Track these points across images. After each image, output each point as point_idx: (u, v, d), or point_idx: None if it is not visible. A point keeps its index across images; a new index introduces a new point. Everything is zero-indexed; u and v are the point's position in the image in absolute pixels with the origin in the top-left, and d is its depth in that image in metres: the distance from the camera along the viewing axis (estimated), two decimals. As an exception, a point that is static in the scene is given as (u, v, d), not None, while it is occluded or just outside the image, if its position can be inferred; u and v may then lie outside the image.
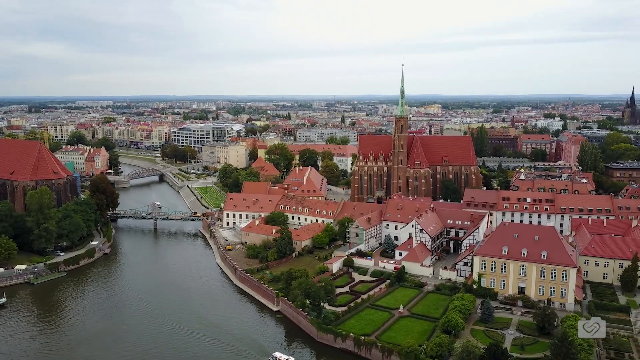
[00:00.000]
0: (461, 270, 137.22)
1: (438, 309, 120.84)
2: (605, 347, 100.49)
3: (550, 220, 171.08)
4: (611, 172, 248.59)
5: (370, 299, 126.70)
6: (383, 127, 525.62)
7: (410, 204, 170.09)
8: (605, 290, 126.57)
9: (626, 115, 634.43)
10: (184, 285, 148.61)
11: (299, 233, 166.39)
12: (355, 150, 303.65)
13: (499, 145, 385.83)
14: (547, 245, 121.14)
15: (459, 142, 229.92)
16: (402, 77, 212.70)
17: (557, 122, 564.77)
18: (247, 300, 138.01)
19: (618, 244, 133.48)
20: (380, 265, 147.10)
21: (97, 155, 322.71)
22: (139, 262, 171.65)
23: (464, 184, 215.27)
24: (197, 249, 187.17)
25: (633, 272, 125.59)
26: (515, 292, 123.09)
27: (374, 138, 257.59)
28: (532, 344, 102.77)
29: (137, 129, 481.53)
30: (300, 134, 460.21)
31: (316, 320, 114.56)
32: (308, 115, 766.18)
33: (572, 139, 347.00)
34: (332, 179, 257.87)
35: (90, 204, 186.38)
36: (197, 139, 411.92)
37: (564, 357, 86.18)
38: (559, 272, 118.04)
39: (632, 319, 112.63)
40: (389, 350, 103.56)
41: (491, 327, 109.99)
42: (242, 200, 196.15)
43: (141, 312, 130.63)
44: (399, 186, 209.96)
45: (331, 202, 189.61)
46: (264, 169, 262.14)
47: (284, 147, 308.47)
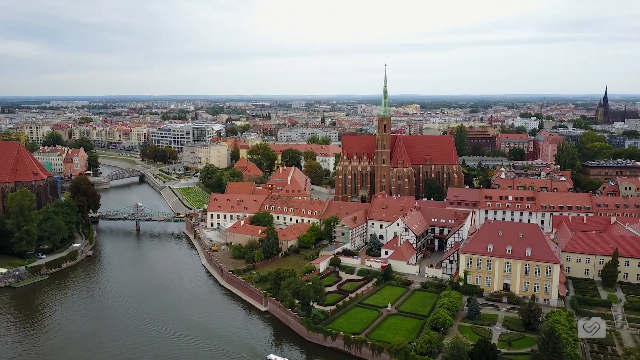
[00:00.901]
0: (447, 268, 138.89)
1: (425, 306, 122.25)
2: (589, 341, 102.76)
3: (532, 217, 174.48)
4: (588, 170, 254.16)
5: (358, 298, 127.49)
6: (363, 126, 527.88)
7: (395, 203, 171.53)
8: (587, 286, 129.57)
9: (599, 115, 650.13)
10: (169, 287, 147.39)
11: (285, 233, 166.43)
12: (338, 150, 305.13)
13: (478, 144, 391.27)
14: (531, 242, 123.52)
15: (440, 142, 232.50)
16: (385, 78, 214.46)
17: (533, 121, 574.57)
18: (235, 301, 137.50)
19: (598, 240, 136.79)
20: (366, 264, 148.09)
21: (75, 156, 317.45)
22: (122, 264, 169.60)
23: (446, 183, 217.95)
24: (181, 250, 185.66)
25: (613, 268, 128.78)
26: (501, 288, 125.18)
27: (358, 138, 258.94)
28: (519, 340, 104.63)
29: (115, 129, 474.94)
30: (281, 133, 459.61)
31: (306, 320, 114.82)
32: (288, 115, 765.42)
33: (549, 138, 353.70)
34: (315, 178, 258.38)
35: (72, 205, 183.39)
36: (177, 139, 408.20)
37: (551, 352, 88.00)
38: (543, 269, 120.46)
39: (614, 313, 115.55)
40: (379, 348, 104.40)
41: (478, 323, 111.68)
42: (226, 201, 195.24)
43: (127, 315, 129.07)
44: (383, 185, 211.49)
45: (316, 202, 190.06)
46: (247, 169, 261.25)
47: (266, 147, 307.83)
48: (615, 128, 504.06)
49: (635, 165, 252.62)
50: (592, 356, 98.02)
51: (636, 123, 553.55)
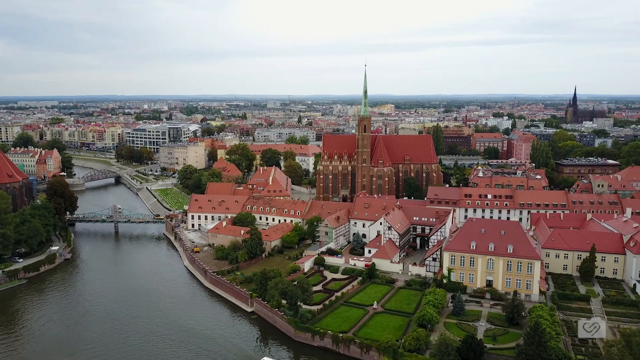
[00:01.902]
0: (430, 265, 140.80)
1: (410, 304, 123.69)
2: (571, 334, 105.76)
3: (510, 215, 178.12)
4: (561, 169, 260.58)
5: (344, 297, 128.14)
6: (340, 126, 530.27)
7: (377, 202, 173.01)
8: (566, 281, 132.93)
9: (569, 114, 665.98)
10: (152, 289, 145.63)
11: (268, 233, 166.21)
12: (317, 149, 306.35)
13: (454, 143, 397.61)
14: (512, 239, 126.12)
15: (419, 141, 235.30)
16: (365, 78, 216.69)
17: (505, 120, 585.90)
18: (220, 302, 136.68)
19: (576, 236, 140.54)
20: (350, 263, 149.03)
21: (49, 157, 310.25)
22: (102, 266, 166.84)
23: (425, 182, 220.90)
24: (162, 251, 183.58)
25: (591, 263, 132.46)
26: (483, 285, 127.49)
27: (338, 138, 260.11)
28: (503, 335, 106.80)
29: (88, 130, 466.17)
30: (258, 133, 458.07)
31: (293, 320, 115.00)
32: (264, 115, 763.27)
33: (523, 137, 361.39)
34: (295, 178, 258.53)
35: (49, 207, 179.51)
36: (152, 140, 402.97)
37: (537, 346, 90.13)
38: (525, 265, 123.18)
39: (592, 307, 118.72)
40: (367, 346, 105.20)
41: (463, 320, 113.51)
42: (207, 202, 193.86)
43: (109, 318, 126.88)
44: (363, 185, 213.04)
45: (299, 202, 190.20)
46: (226, 170, 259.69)
47: (245, 147, 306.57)
48: (584, 127, 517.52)
49: (606, 164, 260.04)
50: (574, 349, 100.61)
51: (604, 122, 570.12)
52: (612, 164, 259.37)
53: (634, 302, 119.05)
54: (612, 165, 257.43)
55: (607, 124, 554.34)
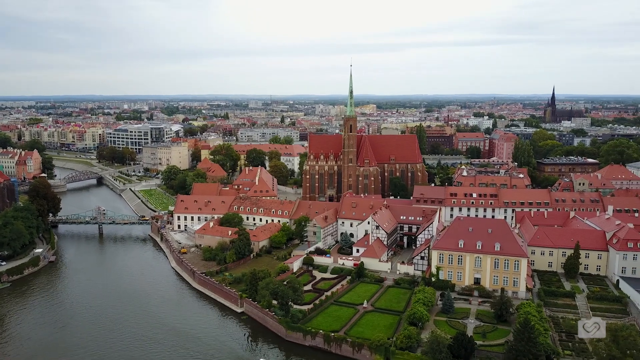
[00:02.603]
0: (418, 264, 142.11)
1: (400, 302, 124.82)
2: (558, 330, 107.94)
3: (495, 213, 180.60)
4: (543, 168, 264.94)
5: (334, 296, 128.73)
6: (323, 126, 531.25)
7: (364, 202, 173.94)
8: (551, 278, 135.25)
9: (547, 114, 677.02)
10: (139, 291, 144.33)
11: (256, 233, 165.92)
12: (302, 149, 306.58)
13: (436, 143, 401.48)
14: (499, 237, 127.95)
15: (404, 141, 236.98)
16: (351, 78, 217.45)
17: (486, 120, 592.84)
18: (209, 303, 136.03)
19: (560, 234, 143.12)
20: (339, 262, 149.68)
21: (28, 158, 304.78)
22: (88, 269, 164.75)
23: (410, 181, 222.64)
24: (148, 253, 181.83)
25: (575, 260, 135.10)
26: (471, 283, 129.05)
27: (324, 137, 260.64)
28: (492, 331, 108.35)
29: (68, 130, 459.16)
30: (241, 134, 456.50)
31: (284, 320, 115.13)
32: (246, 115, 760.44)
33: (504, 137, 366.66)
34: (281, 178, 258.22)
35: (31, 209, 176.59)
36: (134, 140, 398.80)
37: (527, 342, 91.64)
38: (512, 263, 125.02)
39: (578, 303, 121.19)
40: (359, 344, 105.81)
41: (453, 317, 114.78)
42: (193, 202, 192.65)
43: (96, 321, 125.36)
44: (350, 184, 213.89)
45: (286, 202, 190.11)
46: (211, 170, 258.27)
47: (229, 147, 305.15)
48: (563, 127, 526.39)
49: (586, 162, 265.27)
50: (561, 345, 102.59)
51: (582, 122, 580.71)
52: (591, 163, 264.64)
53: (618, 298, 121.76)
54: (592, 164, 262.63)
55: (584, 123, 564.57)
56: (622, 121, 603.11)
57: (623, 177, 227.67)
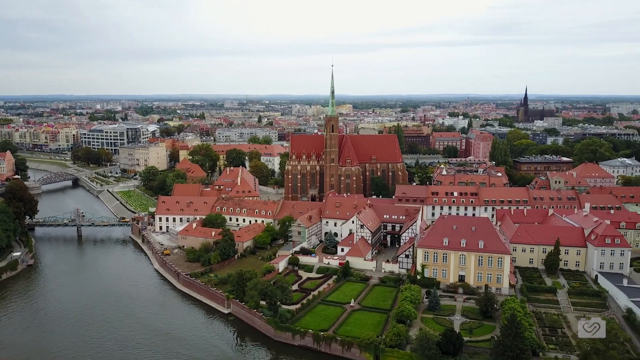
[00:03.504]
0: (403, 262, 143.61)
1: (386, 300, 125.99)
2: (541, 325, 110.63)
3: (476, 212, 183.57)
4: (519, 166, 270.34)
5: (321, 295, 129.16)
6: (301, 126, 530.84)
7: (348, 201, 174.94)
8: (533, 274, 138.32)
9: (520, 114, 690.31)
10: (123, 293, 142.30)
11: (240, 234, 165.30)
12: (282, 149, 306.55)
13: (414, 143, 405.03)
14: (483, 235, 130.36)
15: (385, 141, 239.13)
16: (332, 78, 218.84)
17: (461, 120, 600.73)
18: (195, 304, 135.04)
19: (541, 231, 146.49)
20: (324, 261, 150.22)
21: (1, 159, 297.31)
22: (68, 272, 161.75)
23: (391, 181, 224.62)
24: (130, 255, 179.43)
25: (555, 257, 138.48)
26: (456, 280, 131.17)
27: (306, 137, 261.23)
28: (478, 327, 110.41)
29: (40, 131, 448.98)
30: (219, 134, 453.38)
31: (273, 320, 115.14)
32: (222, 115, 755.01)
33: (480, 136, 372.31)
34: (262, 178, 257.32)
35: (8, 212, 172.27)
36: (110, 141, 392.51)
37: (514, 337, 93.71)
38: (495, 260, 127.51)
39: (559, 298, 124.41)
40: (349, 343, 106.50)
41: (439, 314, 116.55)
42: (175, 203, 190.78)
43: (80, 325, 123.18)
44: (332, 184, 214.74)
45: (270, 202, 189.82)
46: (190, 171, 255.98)
47: (208, 147, 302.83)
48: (536, 126, 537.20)
49: (560, 161, 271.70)
50: (545, 339, 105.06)
51: (554, 121, 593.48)
52: (566, 161, 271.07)
53: (597, 293, 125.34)
54: (566, 163, 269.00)
55: (556, 123, 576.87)
56: (592, 121, 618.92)
57: (597, 175, 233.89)
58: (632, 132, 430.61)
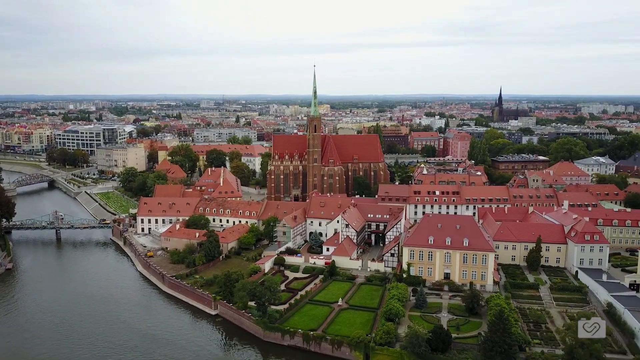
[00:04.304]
0: (388, 261, 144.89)
1: (373, 299, 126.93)
2: (526, 321, 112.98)
3: (458, 210, 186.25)
4: (497, 165, 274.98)
5: (308, 295, 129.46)
6: (280, 126, 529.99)
7: (332, 201, 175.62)
8: (515, 271, 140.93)
9: (495, 113, 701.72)
10: (107, 296, 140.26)
11: (225, 235, 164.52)
12: (262, 149, 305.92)
13: (393, 142, 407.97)
14: (467, 233, 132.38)
15: (367, 141, 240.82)
16: (314, 78, 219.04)
17: (438, 120, 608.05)
18: (182, 306, 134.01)
19: (522, 228, 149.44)
20: (310, 261, 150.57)
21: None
22: (48, 275, 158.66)
23: (373, 180, 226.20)
24: (112, 257, 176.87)
25: (537, 254, 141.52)
26: (442, 278, 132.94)
27: (288, 138, 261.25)
28: (465, 324, 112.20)
29: (13, 131, 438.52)
30: (197, 134, 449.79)
31: (262, 320, 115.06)
32: (199, 114, 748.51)
33: (458, 136, 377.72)
34: (243, 179, 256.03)
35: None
36: (85, 142, 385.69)
37: (501, 332, 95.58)
38: (479, 257, 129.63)
39: (541, 294, 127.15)
40: (339, 342, 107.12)
41: (426, 312, 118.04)
42: (157, 205, 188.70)
43: (64, 329, 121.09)
44: (315, 184, 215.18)
45: (254, 203, 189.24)
46: (170, 171, 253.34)
47: (188, 148, 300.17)
48: (510, 126, 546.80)
49: (537, 160, 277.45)
50: (530, 334, 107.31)
51: (528, 121, 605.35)
52: (542, 160, 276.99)
53: (578, 288, 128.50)
54: (543, 162, 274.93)
55: (530, 122, 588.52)
56: (565, 120, 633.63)
57: (572, 173, 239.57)
58: (604, 132, 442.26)
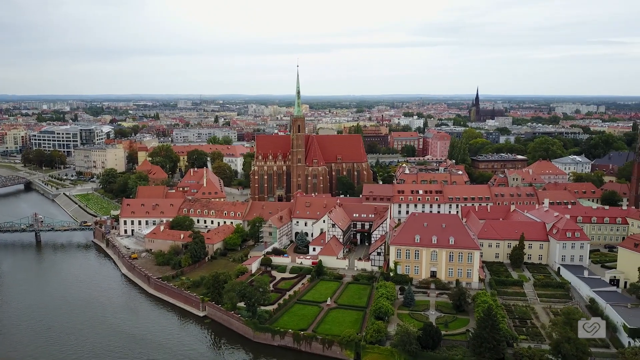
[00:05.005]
0: (375, 260, 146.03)
1: (361, 298, 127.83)
2: (512, 317, 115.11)
3: (441, 209, 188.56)
4: (477, 164, 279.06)
5: (296, 295, 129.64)
6: (259, 127, 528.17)
7: (318, 201, 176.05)
8: (499, 268, 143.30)
9: (472, 113, 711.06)
10: (92, 300, 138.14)
11: (210, 236, 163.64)
12: (244, 150, 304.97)
13: (373, 142, 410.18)
14: (453, 231, 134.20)
15: (350, 141, 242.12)
16: (298, 78, 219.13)
17: (416, 120, 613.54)
18: (169, 308, 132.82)
19: (506, 226, 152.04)
20: (297, 261, 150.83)
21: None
22: (29, 279, 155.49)
23: (357, 180, 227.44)
24: (94, 260, 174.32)
25: (520, 251, 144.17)
26: (428, 276, 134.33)
27: (271, 138, 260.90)
28: (453, 321, 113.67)
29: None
30: (176, 134, 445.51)
31: (252, 321, 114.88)
32: (177, 115, 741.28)
33: (437, 135, 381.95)
34: (225, 179, 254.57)
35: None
36: (62, 143, 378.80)
37: (490, 329, 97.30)
38: (465, 255, 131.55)
39: (526, 290, 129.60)
40: (329, 341, 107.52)
41: (414, 310, 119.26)
42: (140, 206, 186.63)
43: (48, 334, 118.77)
44: (299, 184, 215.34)
45: (238, 203, 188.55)
46: (152, 172, 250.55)
47: (168, 148, 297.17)
48: (488, 125, 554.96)
49: (516, 159, 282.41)
50: (516, 330, 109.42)
51: (504, 121, 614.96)
52: (521, 159, 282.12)
53: (560, 284, 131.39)
54: (521, 161, 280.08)
55: (507, 122, 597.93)
56: (540, 120, 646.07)
57: (550, 172, 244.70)
58: (578, 131, 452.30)
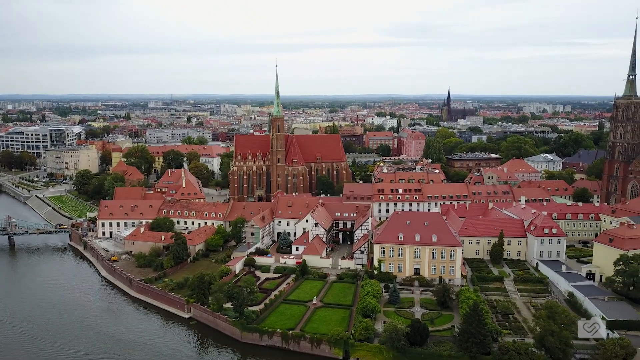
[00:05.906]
0: (358, 258, 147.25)
1: (347, 296, 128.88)
2: (494, 312, 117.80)
3: (420, 207, 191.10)
4: (452, 163, 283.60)
5: (282, 295, 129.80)
6: (233, 126, 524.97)
7: (300, 201, 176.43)
8: (480, 265, 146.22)
9: (444, 113, 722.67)
10: (73, 303, 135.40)
11: (192, 237, 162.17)
12: (220, 150, 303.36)
13: (349, 142, 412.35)
14: (435, 229, 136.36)
15: (329, 140, 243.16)
16: (277, 78, 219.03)
17: (389, 120, 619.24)
18: (152, 310, 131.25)
19: (486, 224, 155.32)
20: (281, 261, 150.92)
21: None
22: (5, 283, 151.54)
23: (336, 179, 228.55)
24: (72, 263, 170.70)
25: (499, 247, 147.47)
26: (412, 273, 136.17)
27: (250, 138, 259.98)
28: (438, 318, 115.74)
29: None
30: (150, 135, 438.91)
31: (239, 321, 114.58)
32: (149, 115, 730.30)
33: (412, 135, 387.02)
34: (203, 180, 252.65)
35: None
36: (31, 144, 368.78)
37: (477, 324, 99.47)
38: (448, 252, 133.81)
39: (506, 286, 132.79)
40: (318, 340, 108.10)
41: (400, 307, 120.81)
42: (118, 208, 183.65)
43: (27, 340, 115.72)
44: (279, 184, 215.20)
45: (219, 204, 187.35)
46: (127, 173, 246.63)
47: (144, 149, 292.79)
48: (460, 125, 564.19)
49: (490, 158, 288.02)
50: (500, 325, 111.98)
51: (475, 120, 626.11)
52: (494, 158, 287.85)
53: (539, 279, 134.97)
54: (495, 159, 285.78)
55: (478, 121, 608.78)
56: (509, 119, 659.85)
57: (524, 170, 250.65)
58: (547, 130, 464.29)
